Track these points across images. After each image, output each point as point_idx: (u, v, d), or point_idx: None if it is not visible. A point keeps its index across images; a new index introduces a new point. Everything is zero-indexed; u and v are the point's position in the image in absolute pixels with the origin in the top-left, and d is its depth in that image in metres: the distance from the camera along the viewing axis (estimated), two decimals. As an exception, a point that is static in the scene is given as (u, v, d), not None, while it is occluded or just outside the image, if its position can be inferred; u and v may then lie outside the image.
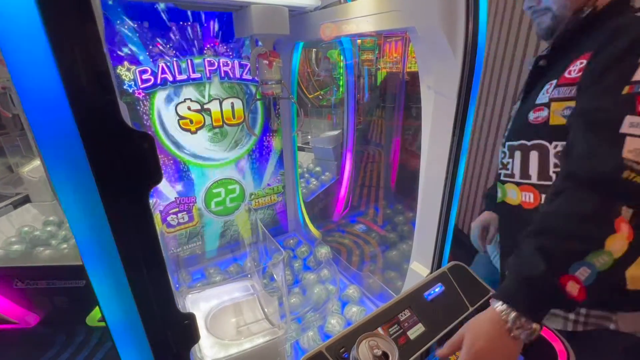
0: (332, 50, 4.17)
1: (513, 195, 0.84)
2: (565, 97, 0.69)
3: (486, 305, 0.89)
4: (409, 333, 0.80)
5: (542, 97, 0.75)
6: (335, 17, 1.23)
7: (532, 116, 0.77)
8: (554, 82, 0.72)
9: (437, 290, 0.91)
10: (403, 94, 4.03)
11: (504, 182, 0.87)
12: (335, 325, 1.28)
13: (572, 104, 0.67)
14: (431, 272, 1.10)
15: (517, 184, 0.82)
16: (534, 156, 0.77)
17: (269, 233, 1.41)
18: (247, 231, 1.84)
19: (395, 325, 0.81)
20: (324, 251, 1.69)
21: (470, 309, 0.88)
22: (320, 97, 4.62)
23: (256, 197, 1.88)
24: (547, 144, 0.74)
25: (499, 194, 0.90)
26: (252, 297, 1.05)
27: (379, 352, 0.51)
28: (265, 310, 1.01)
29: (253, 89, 1.65)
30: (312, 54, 4.35)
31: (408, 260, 1.27)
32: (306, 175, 2.88)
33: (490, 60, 2.22)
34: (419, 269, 1.14)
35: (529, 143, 0.78)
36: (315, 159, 3.03)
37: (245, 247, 1.74)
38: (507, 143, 0.86)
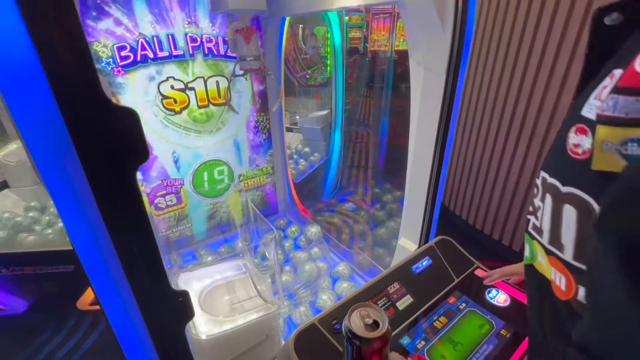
0: (319, 27, 4.05)
1: (544, 263, 0.49)
2: (626, 117, 0.33)
3: (470, 276, 0.94)
4: (397, 304, 0.83)
5: (591, 106, 0.39)
6: (322, -10, 1.19)
7: (571, 140, 0.40)
8: (618, 73, 0.36)
9: (424, 263, 0.94)
10: (392, 73, 3.99)
11: (532, 237, 0.51)
12: (327, 301, 1.32)
13: None
14: (419, 247, 1.14)
15: (546, 250, 0.47)
16: (569, 214, 0.41)
17: (255, 214, 1.42)
18: (238, 212, 1.84)
19: (385, 298, 0.84)
20: (314, 230, 1.71)
21: (456, 280, 0.91)
22: (308, 76, 4.53)
23: (245, 179, 1.86)
24: (590, 201, 0.38)
25: (527, 252, 0.54)
26: (245, 276, 1.06)
27: (370, 321, 0.53)
28: (258, 287, 1.03)
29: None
30: (299, 30, 4.21)
31: (396, 237, 1.30)
32: (295, 156, 2.86)
33: (479, 36, 2.21)
34: (407, 245, 1.17)
35: (562, 189, 0.42)
36: (303, 139, 3.01)
37: (236, 228, 1.75)
38: (542, 172, 0.48)
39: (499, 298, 0.84)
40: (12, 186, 2.18)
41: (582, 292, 0.40)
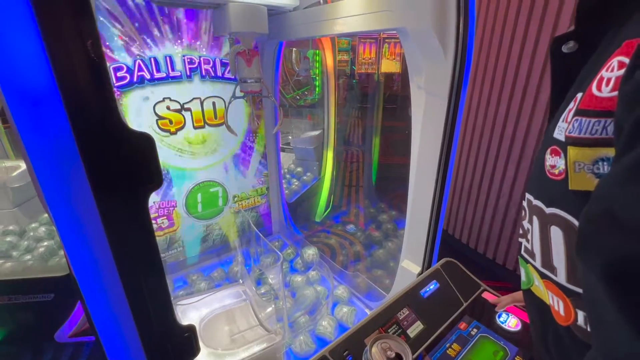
0: (310, 50, 4.17)
1: (541, 287, 0.47)
2: (592, 137, 0.34)
3: (478, 299, 0.93)
4: (408, 331, 0.80)
5: (560, 128, 0.39)
6: (321, 17, 1.22)
7: (548, 162, 0.41)
8: (579, 96, 0.37)
9: (432, 287, 0.92)
10: (380, 95, 4.10)
11: (526, 261, 0.50)
12: (327, 327, 1.27)
13: (610, 152, 0.32)
14: (422, 270, 1.12)
15: (540, 274, 0.45)
16: (556, 235, 0.41)
17: (256, 236, 1.38)
18: (234, 234, 1.78)
19: (395, 325, 0.81)
20: (311, 252, 1.67)
21: (465, 304, 0.90)
22: (298, 97, 4.60)
23: (240, 200, 1.82)
24: (573, 221, 0.38)
25: (523, 276, 0.52)
26: (245, 303, 1.01)
27: (392, 354, 0.51)
28: (259, 316, 0.98)
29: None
30: (292, 53, 4.31)
31: (394, 259, 1.28)
32: (287, 176, 2.85)
33: (474, 60, 2.30)
34: (410, 267, 1.15)
35: (546, 210, 0.41)
36: (296, 159, 3.01)
37: (231, 251, 1.69)
38: (527, 194, 0.47)
39: (510, 322, 0.82)
40: (-12, 209, 2.06)
41: (581, 317, 0.39)
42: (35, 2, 0.32)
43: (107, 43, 1.23)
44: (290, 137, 3.36)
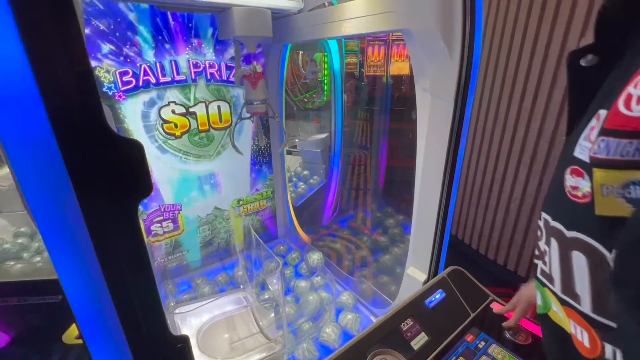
0: (318, 53, 4.17)
1: (560, 314, 0.43)
2: (622, 159, 0.30)
3: (486, 310, 0.89)
4: (412, 343, 0.77)
5: (582, 147, 0.36)
6: (325, 19, 1.21)
7: (568, 182, 0.38)
8: (603, 113, 0.34)
9: (437, 296, 0.89)
10: (388, 97, 4.07)
11: (542, 284, 0.46)
12: (331, 334, 1.24)
13: None
14: (428, 277, 1.09)
15: (560, 300, 0.42)
16: (579, 261, 0.37)
17: (257, 241, 1.36)
18: (238, 238, 1.78)
19: (398, 336, 0.78)
20: (316, 257, 1.64)
21: (472, 315, 0.86)
22: (306, 100, 4.60)
23: (244, 203, 1.82)
24: (600, 248, 0.34)
25: (539, 300, 0.48)
26: (246, 310, 1.00)
27: (392, 371, 0.48)
28: (260, 323, 0.96)
29: (240, 92, 1.61)
30: (299, 56, 4.32)
31: (400, 264, 1.24)
32: (294, 179, 2.83)
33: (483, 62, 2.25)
34: (416, 274, 1.12)
35: (567, 233, 0.38)
36: (303, 162, 3.00)
37: (234, 255, 1.68)
38: (543, 213, 0.44)
39: (520, 337, 0.79)
40: (2, 211, 2.11)
41: (609, 351, 0.36)
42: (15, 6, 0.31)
43: (112, 48, 1.24)
44: (297, 140, 3.35)
